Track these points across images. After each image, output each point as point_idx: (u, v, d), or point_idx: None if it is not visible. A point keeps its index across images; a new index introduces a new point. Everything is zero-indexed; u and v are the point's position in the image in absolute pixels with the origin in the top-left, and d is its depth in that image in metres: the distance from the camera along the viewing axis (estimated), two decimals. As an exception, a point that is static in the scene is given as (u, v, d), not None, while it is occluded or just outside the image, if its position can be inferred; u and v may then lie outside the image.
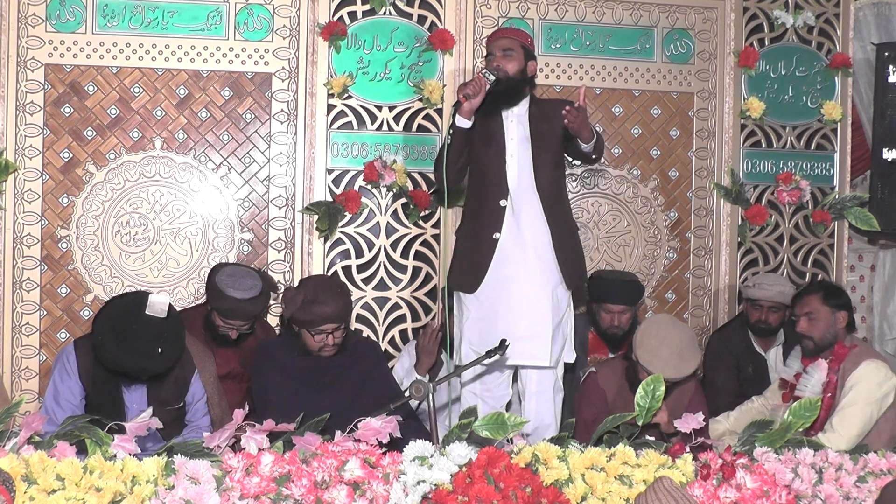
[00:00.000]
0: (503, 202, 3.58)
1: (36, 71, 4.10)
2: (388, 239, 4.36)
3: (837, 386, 3.60)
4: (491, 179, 3.60)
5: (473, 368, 3.52)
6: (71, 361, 3.22)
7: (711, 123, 4.69)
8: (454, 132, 3.51)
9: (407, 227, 4.38)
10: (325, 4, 4.29)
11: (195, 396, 3.35)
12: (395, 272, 4.37)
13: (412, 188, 4.36)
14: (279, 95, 4.29)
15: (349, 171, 4.32)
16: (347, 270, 4.32)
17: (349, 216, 4.30)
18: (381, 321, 4.36)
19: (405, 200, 4.35)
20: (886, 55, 4.82)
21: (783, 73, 4.76)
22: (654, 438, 2.92)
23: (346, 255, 4.32)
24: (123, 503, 2.41)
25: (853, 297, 5.24)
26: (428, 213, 4.39)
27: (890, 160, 4.83)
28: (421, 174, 4.37)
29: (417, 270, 4.39)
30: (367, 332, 4.32)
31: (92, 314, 4.03)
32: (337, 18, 4.30)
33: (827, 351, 3.68)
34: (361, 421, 2.67)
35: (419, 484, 2.52)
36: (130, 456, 2.50)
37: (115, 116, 4.18)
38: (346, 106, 4.32)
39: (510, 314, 3.52)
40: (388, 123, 4.36)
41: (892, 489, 2.71)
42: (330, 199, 4.29)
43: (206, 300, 3.86)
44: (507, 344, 3.14)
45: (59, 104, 4.13)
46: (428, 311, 4.39)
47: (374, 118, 4.35)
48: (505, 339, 3.16)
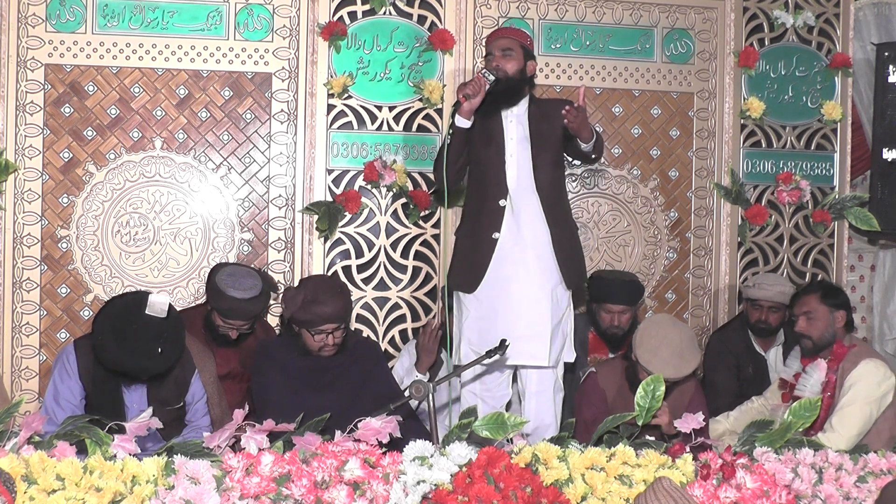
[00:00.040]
0: (502, 202, 3.57)
1: (36, 71, 4.10)
2: (388, 239, 4.36)
3: (836, 385, 3.60)
4: (490, 179, 3.59)
5: (473, 368, 3.52)
6: (71, 361, 3.22)
7: (711, 123, 4.69)
8: (454, 132, 3.51)
9: (407, 227, 4.38)
10: (325, 4, 4.29)
11: (195, 396, 3.35)
12: (395, 272, 4.37)
13: (412, 188, 4.35)
14: (279, 95, 4.29)
15: (349, 171, 4.32)
16: (347, 270, 4.32)
17: (349, 216, 4.30)
18: (381, 321, 4.36)
19: (405, 200, 4.35)
20: (886, 55, 4.82)
21: (783, 73, 4.76)
22: (654, 438, 2.92)
23: (346, 255, 4.32)
24: (123, 503, 2.41)
25: (853, 297, 5.25)
26: (428, 213, 4.39)
27: (890, 160, 4.82)
28: (421, 174, 4.37)
29: (417, 270, 4.39)
30: (367, 332, 4.32)
31: (92, 314, 4.03)
32: (337, 18, 4.30)
33: (826, 350, 3.69)
34: (361, 421, 2.67)
35: (419, 484, 2.52)
36: (130, 456, 2.50)
37: (115, 116, 4.18)
38: (346, 106, 4.32)
39: (509, 314, 3.52)
40: (388, 123, 4.36)
41: (892, 489, 2.71)
42: (330, 199, 4.29)
43: (206, 300, 3.86)
44: (507, 344, 3.14)
45: (59, 104, 4.13)
46: (428, 311, 4.39)
47: (374, 118, 4.35)
48: (505, 339, 3.16)
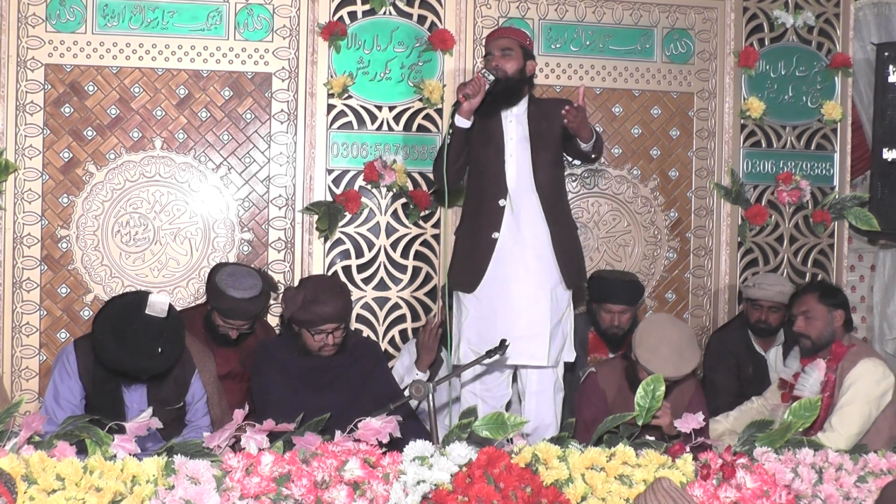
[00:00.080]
0: (502, 202, 3.57)
1: (36, 71, 4.10)
2: (388, 239, 4.36)
3: (836, 385, 3.60)
4: (490, 179, 3.59)
5: (473, 368, 3.52)
6: (71, 361, 3.22)
7: (711, 123, 4.69)
8: (453, 132, 3.51)
9: (407, 227, 4.38)
10: (325, 4, 4.29)
11: (195, 396, 3.35)
12: (395, 272, 4.37)
13: (412, 188, 4.35)
14: (279, 95, 4.29)
15: (349, 171, 4.32)
16: (347, 270, 4.32)
17: (349, 216, 4.30)
18: (381, 321, 4.36)
19: (405, 200, 4.35)
20: (886, 55, 4.82)
21: (783, 73, 4.76)
22: (654, 438, 2.91)
23: (346, 255, 4.32)
24: (123, 503, 2.41)
25: (853, 297, 5.25)
26: (428, 213, 4.39)
27: (890, 160, 4.82)
28: (421, 174, 4.37)
29: (417, 270, 4.39)
30: (367, 332, 4.32)
31: (92, 314, 4.03)
32: (337, 18, 4.30)
33: (825, 350, 3.69)
34: (361, 421, 2.67)
35: (419, 484, 2.52)
36: (130, 456, 2.50)
37: (115, 116, 4.18)
38: (346, 106, 4.32)
39: (509, 313, 3.52)
40: (388, 123, 4.36)
41: (892, 489, 2.71)
42: (330, 199, 4.29)
43: (206, 300, 3.86)
44: (507, 344, 3.14)
45: (59, 104, 4.13)
46: (428, 311, 4.39)
47: (374, 118, 4.34)
48: (505, 339, 3.15)
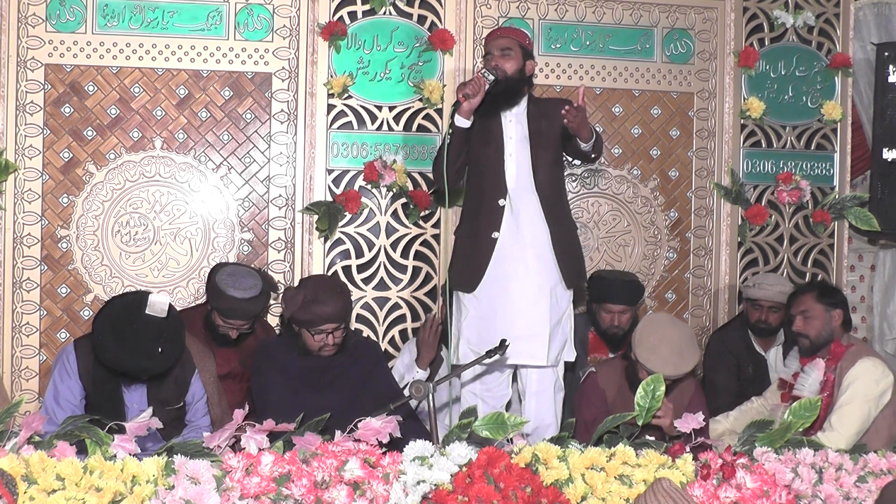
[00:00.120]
0: (502, 201, 3.57)
1: (36, 71, 4.10)
2: (388, 239, 4.36)
3: (835, 384, 3.60)
4: (489, 179, 3.59)
5: (473, 368, 3.52)
6: (71, 361, 3.22)
7: (711, 123, 4.69)
8: (453, 132, 3.51)
9: (407, 227, 4.38)
10: (325, 4, 4.29)
11: (195, 396, 3.35)
12: (395, 272, 4.37)
13: (412, 188, 4.35)
14: (279, 95, 4.29)
15: (349, 171, 4.32)
16: (347, 270, 4.32)
17: (349, 216, 4.30)
18: (381, 321, 4.36)
19: (405, 200, 4.35)
20: (886, 55, 4.82)
21: (783, 73, 4.76)
22: (654, 438, 2.91)
23: (346, 255, 4.32)
24: (123, 503, 2.41)
25: (853, 297, 5.25)
26: (428, 212, 4.39)
27: (890, 160, 4.82)
28: (421, 174, 4.37)
29: (417, 270, 4.39)
30: (367, 332, 4.32)
31: (92, 314, 4.03)
32: (337, 18, 4.30)
33: (824, 350, 3.69)
34: (361, 421, 2.67)
35: (419, 484, 2.52)
36: (130, 456, 2.50)
37: (115, 116, 4.18)
38: (346, 106, 4.32)
39: (508, 313, 3.52)
40: (388, 123, 4.36)
41: (892, 489, 2.71)
42: (330, 199, 4.29)
43: (206, 300, 3.86)
44: (507, 344, 3.14)
45: (59, 104, 4.13)
46: (428, 310, 4.38)
47: (374, 118, 4.35)
48: (505, 338, 3.15)
